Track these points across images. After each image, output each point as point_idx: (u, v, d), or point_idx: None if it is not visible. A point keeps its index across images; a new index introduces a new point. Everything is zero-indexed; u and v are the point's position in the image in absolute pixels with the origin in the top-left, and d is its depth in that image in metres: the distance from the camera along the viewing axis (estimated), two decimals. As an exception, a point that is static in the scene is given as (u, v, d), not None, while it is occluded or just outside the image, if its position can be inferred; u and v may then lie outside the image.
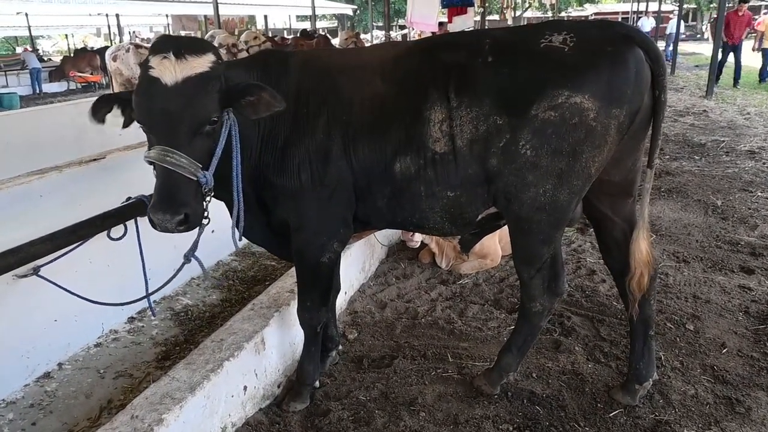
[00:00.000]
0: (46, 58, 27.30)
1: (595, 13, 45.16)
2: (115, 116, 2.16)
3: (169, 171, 2.05)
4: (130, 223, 2.80)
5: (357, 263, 4.14)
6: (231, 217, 2.52)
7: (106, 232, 2.62)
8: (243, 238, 2.58)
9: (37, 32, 29.34)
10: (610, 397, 2.91)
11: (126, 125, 2.22)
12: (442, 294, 4.15)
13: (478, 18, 17.41)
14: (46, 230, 2.44)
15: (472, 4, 15.98)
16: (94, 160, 3.14)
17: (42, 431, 2.58)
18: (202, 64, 2.09)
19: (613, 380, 3.05)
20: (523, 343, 2.88)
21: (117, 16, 24.82)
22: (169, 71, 2.03)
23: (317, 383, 3.02)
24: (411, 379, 3.11)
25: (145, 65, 2.08)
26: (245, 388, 2.75)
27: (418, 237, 4.44)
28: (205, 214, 2.26)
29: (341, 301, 3.88)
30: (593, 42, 2.32)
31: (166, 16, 27.68)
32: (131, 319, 3.48)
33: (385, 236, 4.58)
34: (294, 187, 2.50)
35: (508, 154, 2.35)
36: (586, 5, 46.65)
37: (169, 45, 2.09)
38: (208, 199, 2.25)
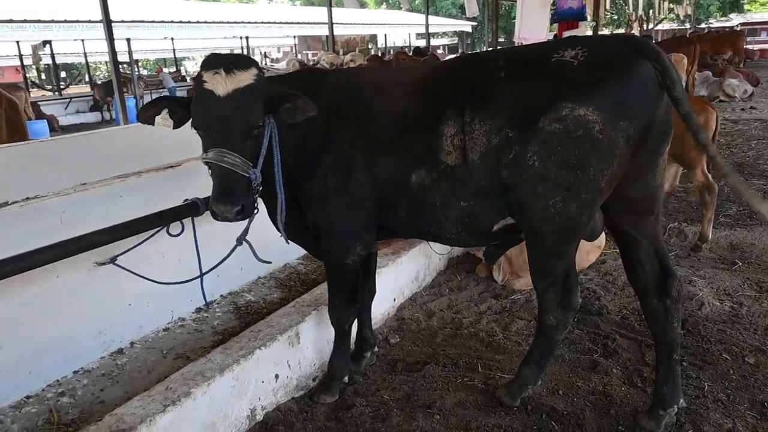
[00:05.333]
0: (189, 78, 30.41)
1: (742, 23, 40.78)
2: (164, 119, 2.51)
3: (226, 169, 2.37)
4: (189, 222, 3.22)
5: (409, 272, 4.31)
6: (268, 212, 2.86)
7: (165, 229, 3.05)
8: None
9: (181, 54, 32.76)
10: (635, 422, 2.82)
11: (176, 127, 2.57)
12: (491, 307, 4.19)
13: (590, 32, 16.76)
14: (122, 227, 2.90)
15: (584, 18, 15.44)
16: (171, 167, 3.63)
17: (107, 397, 3.04)
18: (248, 77, 2.39)
19: (645, 406, 2.93)
20: (540, 357, 2.89)
21: (246, 38, 27.07)
22: (221, 84, 2.35)
23: (346, 379, 3.23)
24: (437, 385, 3.22)
25: (198, 79, 2.41)
26: (277, 376, 3.04)
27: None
28: (256, 205, 2.57)
29: (389, 307, 4.08)
30: (602, 56, 2.35)
31: (294, 37, 29.63)
32: (198, 309, 3.93)
33: (443, 246, 4.68)
34: (321, 192, 2.75)
35: (518, 167, 2.43)
36: (732, 15, 42.30)
37: (219, 62, 2.40)
38: (256, 193, 2.53)
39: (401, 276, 4.19)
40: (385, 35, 32.05)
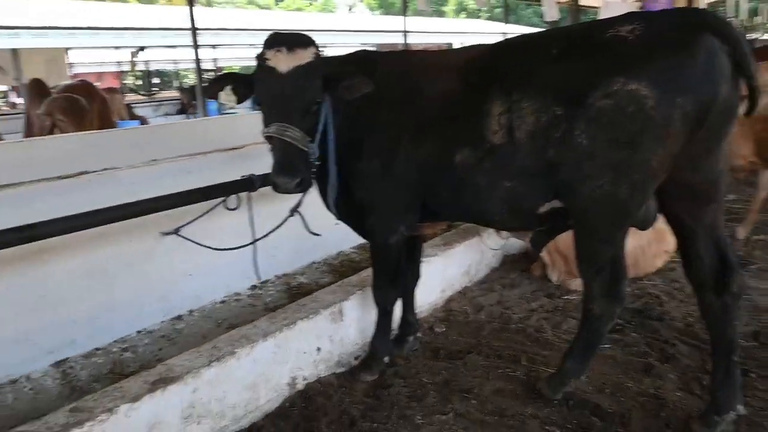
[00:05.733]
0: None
1: None
2: (227, 95, 2.65)
3: (287, 143, 2.46)
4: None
5: (459, 265, 4.29)
6: (319, 191, 2.93)
7: (223, 204, 3.23)
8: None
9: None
10: (687, 427, 2.67)
11: (239, 102, 2.71)
12: (543, 306, 4.09)
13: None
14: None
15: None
16: (235, 148, 3.84)
17: (164, 355, 3.25)
18: (308, 55, 2.50)
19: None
20: (584, 349, 2.81)
21: (325, 46, 27.85)
22: (283, 62, 2.46)
23: (387, 359, 3.26)
24: (477, 373, 3.19)
25: (261, 57, 2.53)
26: (318, 349, 3.12)
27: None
28: (312, 179, 2.65)
29: (437, 298, 4.08)
30: (660, 30, 2.27)
31: (375, 45, 30.13)
32: (253, 287, 4.11)
33: (497, 242, 4.64)
34: (367, 171, 2.81)
35: (565, 145, 2.38)
36: None
37: (281, 40, 2.52)
38: (313, 167, 2.62)
39: (451, 268, 4.19)
40: (462, 44, 31.97)
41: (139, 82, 26.96)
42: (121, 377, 2.99)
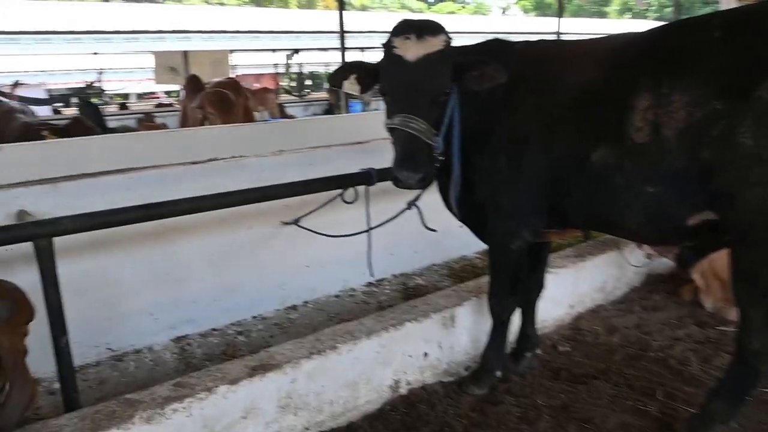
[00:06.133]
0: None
1: None
2: (351, 84, 2.58)
3: (411, 135, 2.32)
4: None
5: (592, 280, 3.87)
6: (439, 187, 2.77)
7: (340, 196, 3.20)
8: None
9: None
10: None
11: (363, 92, 2.63)
12: (691, 335, 3.55)
13: None
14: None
15: None
16: (359, 143, 3.81)
17: (275, 343, 3.27)
18: (437, 43, 2.34)
19: None
20: (736, 390, 2.34)
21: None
22: (412, 50, 2.32)
23: (499, 374, 3.01)
24: (601, 402, 2.83)
25: (388, 45, 2.40)
26: (426, 354, 2.96)
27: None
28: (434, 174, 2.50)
29: (564, 314, 3.72)
30: None
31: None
32: (369, 284, 4.06)
33: (640, 259, 4.12)
34: (491, 168, 2.59)
35: (724, 146, 2.01)
36: None
37: (409, 27, 2.37)
38: (437, 162, 2.46)
39: (583, 282, 3.79)
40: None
41: (294, 84, 28.82)
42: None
